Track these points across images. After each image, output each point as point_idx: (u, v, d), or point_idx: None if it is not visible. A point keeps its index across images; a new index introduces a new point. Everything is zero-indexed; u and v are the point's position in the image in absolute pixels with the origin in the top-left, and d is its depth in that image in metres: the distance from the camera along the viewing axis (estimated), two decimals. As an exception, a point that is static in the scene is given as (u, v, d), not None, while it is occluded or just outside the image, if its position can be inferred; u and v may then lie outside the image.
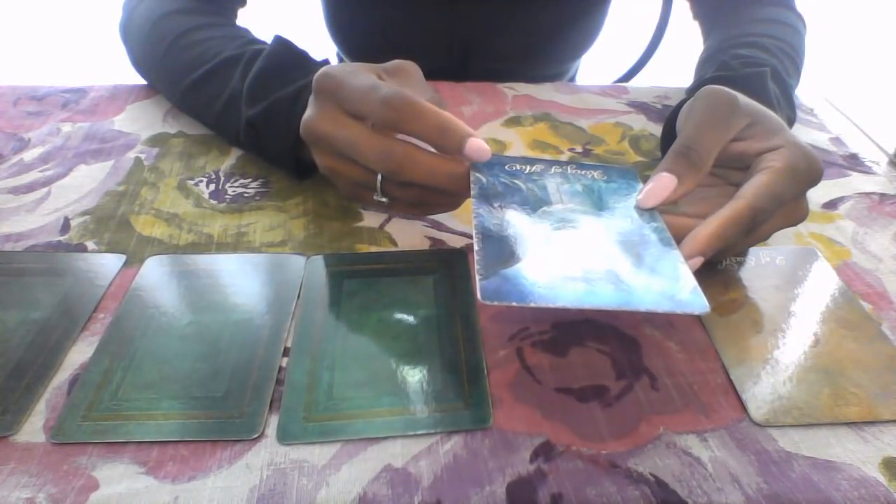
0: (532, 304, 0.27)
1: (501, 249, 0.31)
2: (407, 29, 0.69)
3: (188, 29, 0.51)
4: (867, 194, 0.48)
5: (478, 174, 0.36)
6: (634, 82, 0.84)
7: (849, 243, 0.43)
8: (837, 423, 0.30)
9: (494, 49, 0.70)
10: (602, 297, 0.28)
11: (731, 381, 0.32)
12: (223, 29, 0.51)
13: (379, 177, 0.36)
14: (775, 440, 0.30)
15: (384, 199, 0.37)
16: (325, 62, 0.45)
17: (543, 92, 0.61)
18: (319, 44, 0.80)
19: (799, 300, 0.38)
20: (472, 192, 0.34)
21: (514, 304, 0.27)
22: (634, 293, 0.29)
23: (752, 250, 0.41)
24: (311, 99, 0.38)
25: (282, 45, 0.45)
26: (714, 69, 0.48)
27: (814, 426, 0.30)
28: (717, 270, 0.39)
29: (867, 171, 0.51)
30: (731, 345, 0.34)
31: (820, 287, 0.39)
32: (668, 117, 0.47)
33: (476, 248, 0.30)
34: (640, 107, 0.59)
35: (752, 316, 0.36)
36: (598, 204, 0.36)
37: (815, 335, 0.35)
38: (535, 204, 0.35)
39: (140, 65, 0.56)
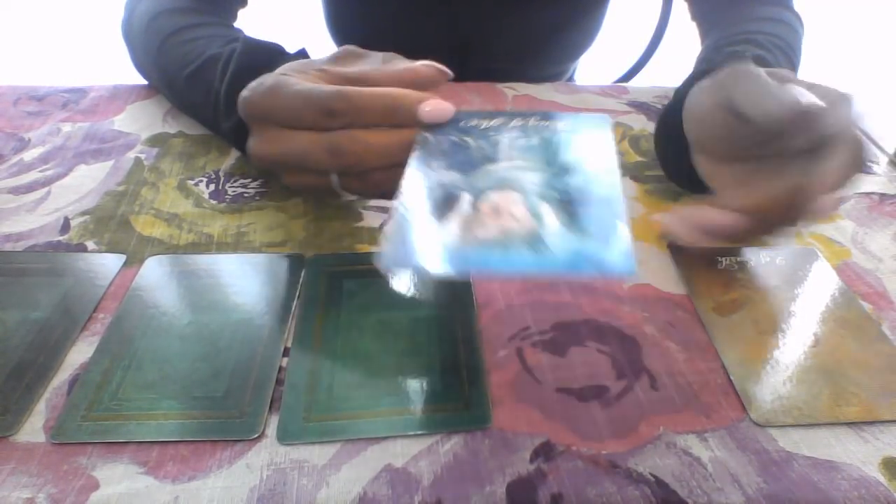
0: (435, 271, 0.26)
1: (422, 214, 0.29)
2: (406, 29, 0.69)
3: (181, 27, 0.51)
4: (867, 194, 0.48)
5: (425, 134, 0.33)
6: (634, 82, 0.84)
7: (849, 243, 0.43)
8: (837, 423, 0.30)
9: (493, 49, 0.70)
10: (514, 263, 0.27)
11: (731, 381, 0.32)
12: (213, 28, 0.51)
13: (335, 178, 0.35)
14: (775, 440, 0.30)
15: (353, 198, 0.35)
16: (301, 52, 0.43)
17: (543, 92, 0.61)
18: (320, 44, 0.80)
19: (799, 300, 0.38)
20: (414, 154, 0.32)
21: (414, 271, 0.26)
22: (553, 257, 0.27)
23: (752, 250, 0.41)
24: (250, 125, 0.37)
25: (248, 46, 0.43)
26: (696, 65, 0.48)
27: (814, 426, 0.30)
28: (717, 270, 0.40)
29: (867, 171, 0.51)
30: (731, 345, 0.34)
31: (820, 287, 0.39)
32: (662, 118, 0.46)
33: (394, 212, 0.29)
34: (640, 107, 0.59)
35: (752, 316, 0.36)
36: (552, 158, 0.33)
37: (815, 335, 0.35)
38: (478, 162, 0.33)
39: (140, 63, 0.56)
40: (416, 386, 0.31)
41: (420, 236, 0.28)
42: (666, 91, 0.62)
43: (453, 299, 0.36)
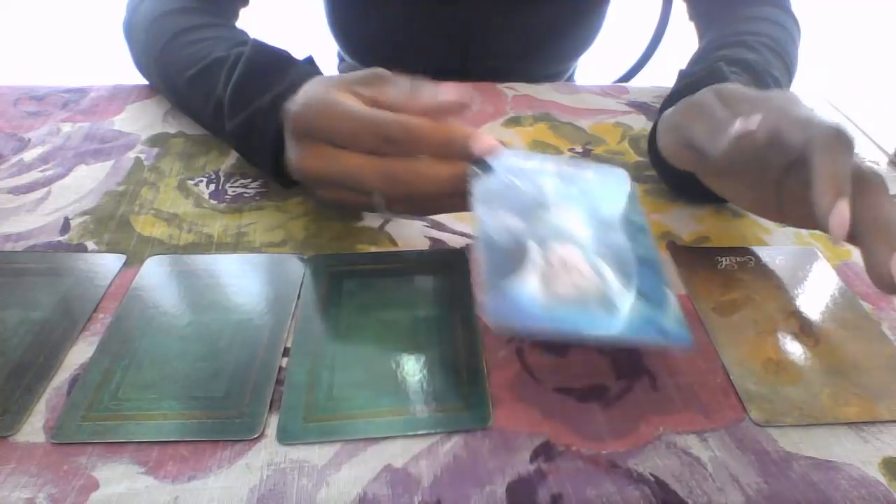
0: (534, 331, 0.29)
1: (504, 262, 0.31)
2: (407, 28, 0.69)
3: (185, 28, 0.51)
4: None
5: (477, 171, 0.36)
6: (634, 82, 0.84)
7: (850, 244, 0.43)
8: (837, 423, 0.30)
9: (494, 48, 0.70)
10: (597, 326, 0.29)
11: (731, 381, 0.32)
12: (218, 30, 0.51)
13: (379, 198, 0.36)
14: (775, 440, 0.30)
15: (390, 216, 0.37)
16: (308, 60, 0.44)
17: (543, 92, 0.61)
18: (321, 43, 0.80)
19: (799, 300, 0.38)
20: (473, 194, 0.34)
21: (515, 330, 0.28)
22: (623, 320, 0.29)
23: (750, 250, 0.41)
24: (290, 137, 0.37)
25: (257, 49, 0.43)
26: (676, 81, 0.49)
27: (814, 426, 0.30)
28: (716, 270, 0.39)
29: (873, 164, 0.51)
30: (731, 345, 0.34)
31: (820, 287, 0.39)
32: (650, 135, 0.47)
33: (479, 258, 0.31)
34: (640, 107, 0.59)
35: (752, 316, 0.36)
36: (592, 211, 0.35)
37: (815, 335, 0.35)
38: (533, 209, 0.34)
39: (140, 63, 0.56)
40: (416, 386, 0.31)
41: (515, 292, 0.29)
42: (666, 91, 0.62)
43: (453, 299, 0.36)
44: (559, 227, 0.34)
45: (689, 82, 0.45)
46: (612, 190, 0.37)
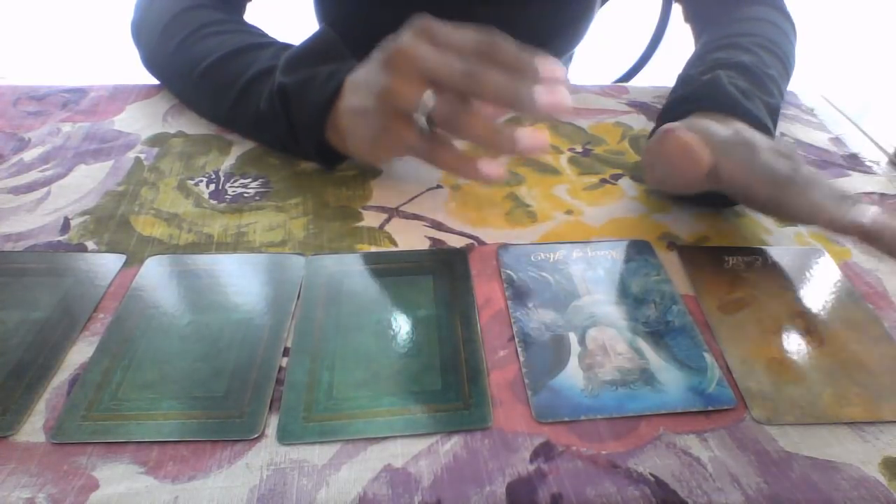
0: (583, 418, 0.30)
1: (544, 358, 0.33)
2: (391, 21, 0.69)
3: (214, 21, 0.52)
4: (867, 194, 0.48)
5: (508, 272, 0.38)
6: (634, 82, 0.84)
7: (849, 243, 0.43)
8: (838, 422, 0.30)
9: None
10: (642, 402, 0.31)
11: (733, 379, 0.32)
12: (241, 24, 0.54)
13: (421, 119, 0.37)
14: (775, 440, 0.30)
15: (426, 126, 0.37)
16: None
17: (543, 92, 0.61)
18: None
19: (804, 300, 0.38)
20: (507, 294, 0.37)
21: (565, 419, 0.30)
22: (668, 392, 0.31)
23: (759, 250, 0.41)
24: (371, 61, 0.41)
25: (328, 32, 0.47)
26: (675, 87, 0.50)
27: (814, 426, 0.30)
28: (722, 269, 0.39)
29: (867, 171, 0.51)
30: (735, 344, 0.34)
31: (825, 287, 0.39)
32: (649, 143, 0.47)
33: (521, 359, 0.33)
34: (640, 107, 0.59)
35: (756, 315, 0.36)
36: (622, 289, 0.37)
37: (819, 335, 0.35)
38: (565, 299, 0.36)
39: (152, 59, 0.56)
40: (416, 386, 0.31)
41: (560, 385, 0.31)
42: (666, 91, 0.62)
43: (453, 299, 0.36)
44: (593, 312, 0.35)
45: (689, 93, 0.45)
46: (638, 263, 0.39)
